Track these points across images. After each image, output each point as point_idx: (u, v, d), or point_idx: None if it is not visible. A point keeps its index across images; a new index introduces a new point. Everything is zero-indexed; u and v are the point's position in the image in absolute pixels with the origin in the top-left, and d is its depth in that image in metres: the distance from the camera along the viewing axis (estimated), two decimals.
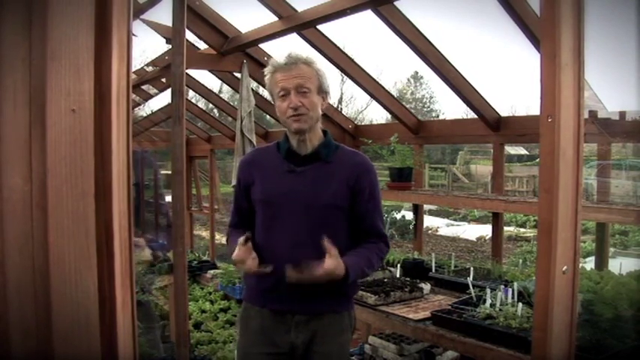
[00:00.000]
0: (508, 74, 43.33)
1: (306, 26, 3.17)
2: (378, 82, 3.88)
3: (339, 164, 1.85)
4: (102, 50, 0.79)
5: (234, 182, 2.41)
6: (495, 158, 3.58)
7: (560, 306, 1.31)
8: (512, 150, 22.70)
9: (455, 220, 14.26)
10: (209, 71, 4.63)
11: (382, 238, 1.89)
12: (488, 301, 2.12)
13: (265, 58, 3.98)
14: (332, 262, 1.65)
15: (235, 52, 3.86)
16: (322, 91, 1.85)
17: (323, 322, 1.82)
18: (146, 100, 6.46)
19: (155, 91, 5.98)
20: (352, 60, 3.70)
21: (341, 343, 1.86)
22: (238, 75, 4.06)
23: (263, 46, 3.91)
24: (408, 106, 5.83)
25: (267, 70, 1.86)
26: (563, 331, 1.32)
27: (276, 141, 1.94)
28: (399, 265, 2.95)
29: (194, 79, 5.54)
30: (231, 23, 3.80)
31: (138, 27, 3.84)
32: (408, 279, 2.79)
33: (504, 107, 24.20)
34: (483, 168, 20.27)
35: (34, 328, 0.75)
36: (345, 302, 1.89)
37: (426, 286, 2.65)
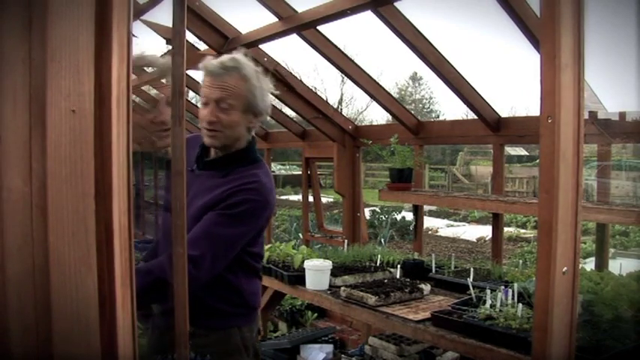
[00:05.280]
0: (508, 75, 43.41)
1: (306, 27, 3.17)
2: (378, 83, 3.89)
3: (226, 183, 1.63)
4: (102, 51, 0.79)
5: None
6: (495, 159, 3.58)
7: (560, 307, 1.31)
8: (512, 151, 22.70)
9: (455, 220, 14.27)
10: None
11: (190, 253, 1.47)
12: (489, 302, 2.12)
13: (265, 59, 3.98)
14: None
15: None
16: (251, 111, 1.66)
17: (208, 339, 1.66)
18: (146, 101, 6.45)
19: (155, 91, 5.97)
20: (352, 61, 3.70)
21: None
22: None
23: (263, 46, 3.91)
24: (407, 106, 5.83)
25: (199, 68, 1.68)
26: (563, 331, 1.32)
27: None
28: (399, 266, 2.95)
29: (194, 79, 5.54)
30: (231, 24, 3.81)
31: (138, 28, 3.84)
32: (408, 280, 2.79)
33: (504, 108, 24.22)
34: (483, 169, 20.28)
35: (33, 328, 0.75)
36: (228, 317, 1.72)
37: (426, 287, 2.65)
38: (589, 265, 4.63)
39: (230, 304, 1.74)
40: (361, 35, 20.20)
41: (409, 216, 10.08)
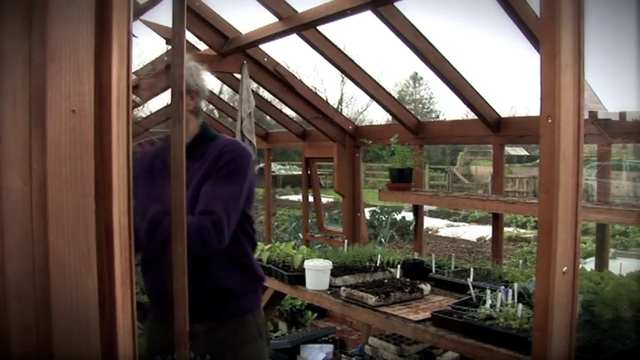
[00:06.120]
0: (508, 75, 43.31)
1: (306, 27, 3.17)
2: (378, 83, 3.89)
3: (207, 159, 1.76)
4: (102, 51, 0.79)
5: None
6: (495, 159, 3.58)
7: (560, 307, 1.31)
8: (512, 151, 22.70)
9: (455, 220, 14.26)
10: (209, 72, 4.62)
11: (207, 215, 1.63)
12: (489, 302, 2.12)
13: (265, 59, 3.98)
14: None
15: (235, 52, 3.86)
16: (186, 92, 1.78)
17: (224, 330, 1.70)
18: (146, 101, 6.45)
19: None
20: (352, 61, 3.70)
21: (252, 355, 1.74)
22: (238, 76, 4.06)
23: (263, 46, 3.91)
24: (407, 106, 5.84)
25: None
26: (563, 331, 1.32)
27: None
28: (399, 266, 2.95)
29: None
30: (231, 24, 3.81)
31: (138, 28, 3.84)
32: (408, 280, 2.79)
33: (504, 108, 24.19)
34: (483, 169, 20.28)
35: (33, 328, 0.75)
36: (241, 299, 1.78)
37: (426, 287, 2.65)
38: (589, 265, 4.63)
39: (241, 280, 1.79)
40: (361, 35, 20.19)
41: (409, 216, 10.08)
